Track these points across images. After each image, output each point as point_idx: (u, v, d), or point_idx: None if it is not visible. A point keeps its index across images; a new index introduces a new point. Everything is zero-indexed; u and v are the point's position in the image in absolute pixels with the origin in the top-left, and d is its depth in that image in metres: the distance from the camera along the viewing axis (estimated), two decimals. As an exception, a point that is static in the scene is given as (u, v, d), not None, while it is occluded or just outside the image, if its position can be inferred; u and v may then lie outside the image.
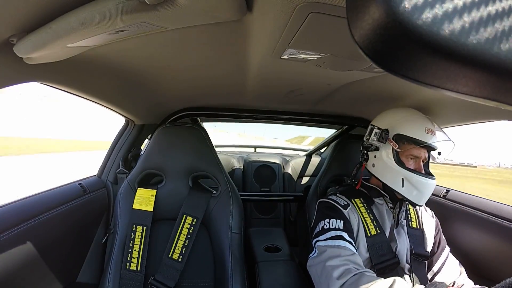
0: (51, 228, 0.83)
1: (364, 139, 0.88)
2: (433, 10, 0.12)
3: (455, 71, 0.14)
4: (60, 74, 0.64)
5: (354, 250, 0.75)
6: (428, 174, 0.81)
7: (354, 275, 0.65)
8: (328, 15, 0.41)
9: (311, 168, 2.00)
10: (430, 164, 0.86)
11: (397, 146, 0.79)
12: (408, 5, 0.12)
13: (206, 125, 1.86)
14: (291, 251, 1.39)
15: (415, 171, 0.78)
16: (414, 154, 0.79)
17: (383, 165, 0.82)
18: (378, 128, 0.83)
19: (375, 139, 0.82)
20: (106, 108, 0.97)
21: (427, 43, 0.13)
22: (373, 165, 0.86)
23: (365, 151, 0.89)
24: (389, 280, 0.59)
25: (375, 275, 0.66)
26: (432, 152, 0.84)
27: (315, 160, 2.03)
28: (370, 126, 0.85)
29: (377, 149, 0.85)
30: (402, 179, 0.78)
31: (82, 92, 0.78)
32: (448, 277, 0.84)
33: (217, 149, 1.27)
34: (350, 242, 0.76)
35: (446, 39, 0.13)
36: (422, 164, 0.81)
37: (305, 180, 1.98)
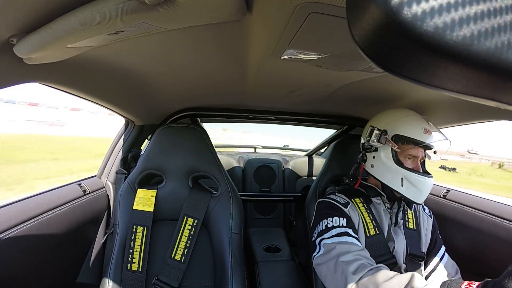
0: (51, 228, 0.82)
1: (364, 140, 0.88)
2: (433, 11, 0.12)
3: (455, 71, 0.14)
4: (60, 74, 0.64)
5: (362, 246, 0.75)
6: (426, 173, 0.81)
7: (370, 270, 0.64)
8: (328, 15, 0.41)
9: (311, 168, 2.00)
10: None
11: (396, 147, 0.80)
12: (408, 6, 0.12)
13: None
14: (291, 251, 1.39)
15: (414, 170, 0.79)
16: (413, 154, 0.80)
17: (382, 165, 0.83)
18: (378, 130, 0.83)
19: (375, 140, 0.82)
20: (106, 109, 0.97)
21: (427, 44, 0.13)
22: (372, 166, 0.86)
23: (364, 152, 0.89)
24: (407, 275, 0.58)
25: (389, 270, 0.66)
26: (427, 151, 0.85)
27: (315, 160, 2.04)
28: (370, 128, 0.85)
29: (375, 150, 0.85)
30: (402, 178, 0.79)
31: (82, 92, 0.77)
32: (443, 276, 0.85)
33: (217, 149, 1.27)
34: (356, 238, 0.76)
35: (446, 40, 0.13)
36: (419, 163, 0.82)
37: (305, 180, 1.98)
